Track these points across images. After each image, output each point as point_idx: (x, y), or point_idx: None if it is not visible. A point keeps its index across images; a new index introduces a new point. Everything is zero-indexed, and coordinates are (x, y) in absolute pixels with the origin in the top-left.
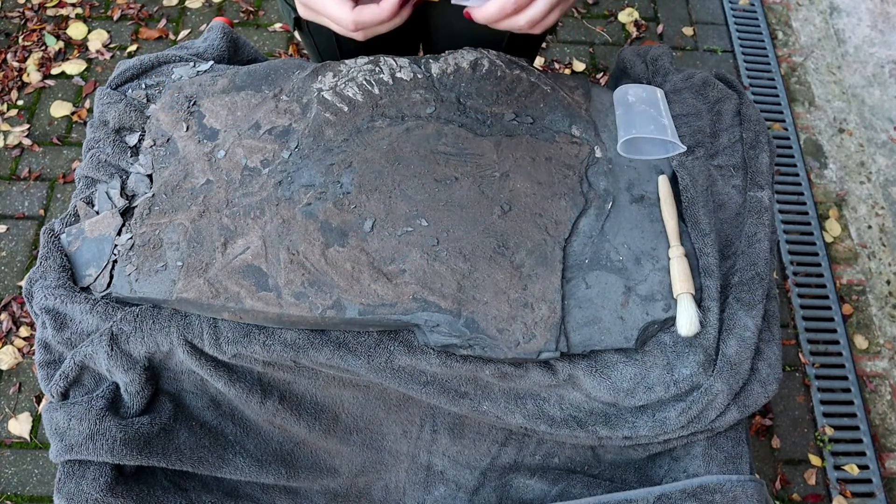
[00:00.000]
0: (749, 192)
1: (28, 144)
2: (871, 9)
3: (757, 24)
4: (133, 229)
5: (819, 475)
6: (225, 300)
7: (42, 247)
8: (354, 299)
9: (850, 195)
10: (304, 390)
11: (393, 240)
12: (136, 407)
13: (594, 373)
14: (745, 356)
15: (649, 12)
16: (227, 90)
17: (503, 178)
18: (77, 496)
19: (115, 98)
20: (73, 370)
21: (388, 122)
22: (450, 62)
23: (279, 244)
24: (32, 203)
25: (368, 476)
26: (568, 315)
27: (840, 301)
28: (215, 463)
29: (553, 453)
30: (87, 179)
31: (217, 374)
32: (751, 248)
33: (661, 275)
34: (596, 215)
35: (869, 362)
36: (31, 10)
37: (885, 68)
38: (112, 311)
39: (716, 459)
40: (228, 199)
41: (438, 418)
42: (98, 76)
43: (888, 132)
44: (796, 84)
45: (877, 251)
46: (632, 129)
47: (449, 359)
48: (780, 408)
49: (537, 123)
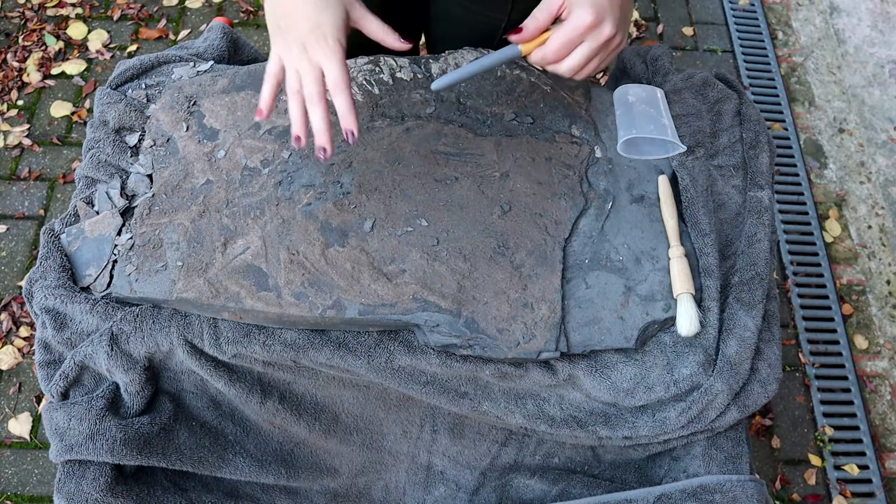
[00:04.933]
0: (749, 192)
1: (28, 144)
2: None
3: (757, 24)
4: (133, 229)
5: (819, 475)
6: (225, 300)
7: (42, 247)
8: (354, 299)
9: (850, 195)
10: (304, 390)
11: (393, 240)
12: (136, 407)
13: (594, 373)
14: (745, 356)
15: (649, 12)
16: (227, 90)
17: (503, 178)
18: (77, 496)
19: (115, 98)
20: (73, 370)
21: (388, 122)
22: (450, 62)
23: (279, 244)
24: (32, 203)
25: (368, 476)
26: (568, 315)
27: (840, 301)
28: (215, 463)
29: (553, 453)
30: (87, 179)
31: (217, 374)
32: (751, 248)
33: (661, 275)
34: (596, 215)
35: (869, 362)
36: (31, 10)
37: (885, 68)
38: (112, 311)
39: (716, 459)
40: (228, 199)
41: (438, 418)
42: (98, 76)
43: (888, 132)
44: (796, 84)
45: (877, 251)
46: (632, 129)
47: (449, 359)
48: (780, 408)
49: (537, 123)
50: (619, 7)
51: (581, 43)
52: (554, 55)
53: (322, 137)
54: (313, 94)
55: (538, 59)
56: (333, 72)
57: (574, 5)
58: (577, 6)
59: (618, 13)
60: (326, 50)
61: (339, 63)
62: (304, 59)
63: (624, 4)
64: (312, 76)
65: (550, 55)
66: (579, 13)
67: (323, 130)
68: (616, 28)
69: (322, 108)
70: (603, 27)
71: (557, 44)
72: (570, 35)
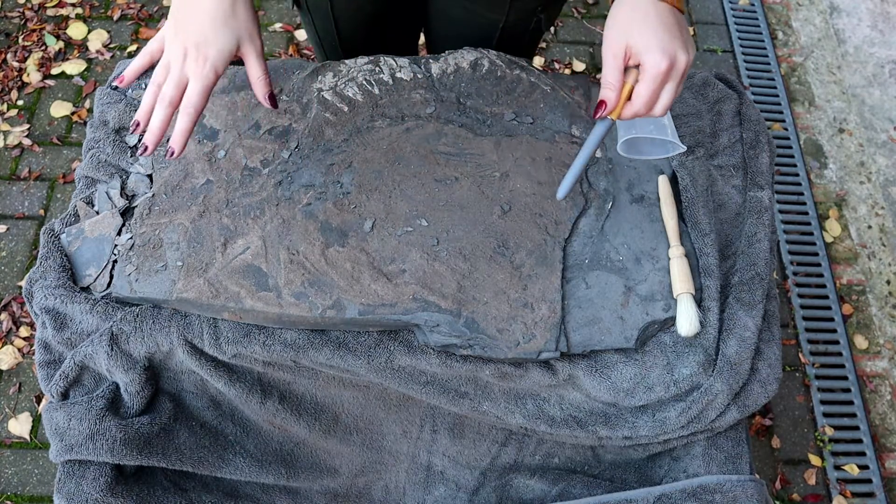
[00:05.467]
0: (749, 192)
1: (28, 144)
2: (871, 9)
3: (757, 24)
4: (133, 229)
5: (819, 475)
6: (225, 300)
7: (42, 247)
8: (354, 299)
9: (850, 195)
10: (304, 390)
11: (393, 240)
12: (136, 407)
13: (594, 373)
14: (745, 356)
15: None
16: (227, 90)
17: (503, 178)
18: (77, 496)
19: (115, 98)
20: (73, 370)
21: (388, 122)
22: (450, 62)
23: (279, 244)
24: (32, 203)
25: (368, 476)
26: (568, 315)
27: (840, 301)
28: (215, 463)
29: (553, 453)
30: (87, 179)
31: (217, 374)
32: (751, 248)
33: (661, 275)
34: (596, 215)
35: (869, 362)
36: (31, 10)
37: (885, 68)
38: (112, 311)
39: (716, 459)
40: (228, 199)
41: (438, 418)
42: (98, 76)
43: (888, 132)
44: (796, 84)
45: (877, 251)
46: (632, 129)
47: (449, 359)
48: (780, 408)
49: (537, 123)
50: (680, 31)
51: (665, 86)
52: (646, 108)
53: (150, 136)
54: (166, 96)
55: (630, 114)
56: (191, 93)
57: (642, 52)
58: (645, 53)
59: (681, 38)
60: (198, 69)
61: (201, 87)
62: (177, 62)
63: (681, 27)
64: (176, 81)
65: (643, 109)
66: (653, 61)
67: (155, 129)
68: (687, 55)
69: (165, 113)
70: (678, 64)
71: (644, 98)
72: (653, 86)
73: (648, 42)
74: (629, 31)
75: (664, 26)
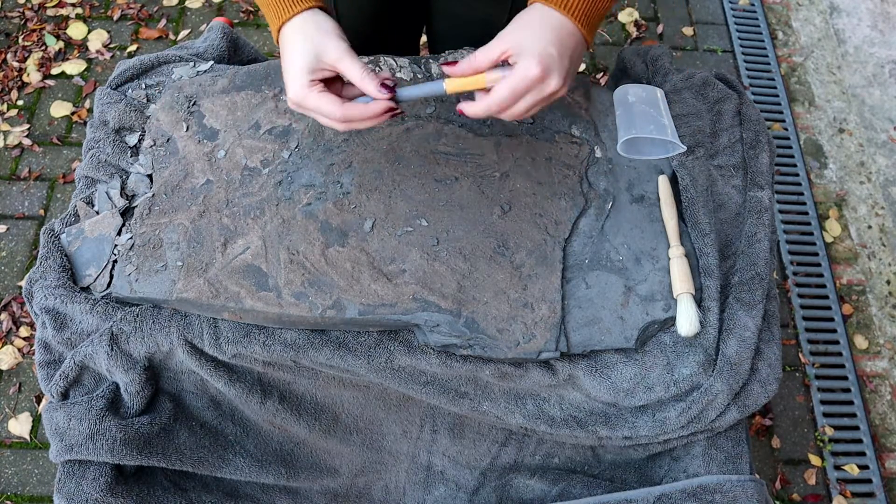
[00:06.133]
0: (749, 192)
1: (28, 144)
2: (871, 9)
3: (757, 24)
4: (133, 229)
5: (819, 475)
6: (225, 300)
7: (42, 247)
8: (354, 299)
9: (850, 195)
10: (304, 390)
11: (393, 240)
12: (136, 407)
13: (594, 373)
14: (745, 356)
15: (649, 12)
16: (227, 90)
17: (503, 178)
18: (77, 496)
19: (115, 98)
20: (73, 370)
21: (388, 121)
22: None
23: (279, 244)
24: (32, 203)
25: (368, 476)
26: (568, 315)
27: (840, 301)
28: (215, 463)
29: (553, 453)
30: (87, 179)
31: (217, 374)
32: (751, 248)
33: (661, 275)
34: (596, 215)
35: (869, 362)
36: (31, 10)
37: (885, 68)
38: (112, 311)
39: (716, 459)
40: (228, 199)
41: (438, 418)
42: (98, 76)
43: (888, 132)
44: (796, 84)
45: (877, 251)
46: (632, 129)
47: (449, 359)
48: (780, 408)
49: (537, 123)
50: (569, 59)
51: (526, 95)
52: (498, 107)
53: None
54: (334, 124)
55: (482, 108)
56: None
57: (520, 55)
58: (523, 56)
59: (566, 65)
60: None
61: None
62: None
63: (573, 56)
64: (324, 122)
65: (495, 107)
66: (526, 65)
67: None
68: (562, 83)
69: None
70: (549, 81)
71: (502, 96)
72: (516, 88)
73: (534, 49)
74: (525, 33)
75: (560, 46)
